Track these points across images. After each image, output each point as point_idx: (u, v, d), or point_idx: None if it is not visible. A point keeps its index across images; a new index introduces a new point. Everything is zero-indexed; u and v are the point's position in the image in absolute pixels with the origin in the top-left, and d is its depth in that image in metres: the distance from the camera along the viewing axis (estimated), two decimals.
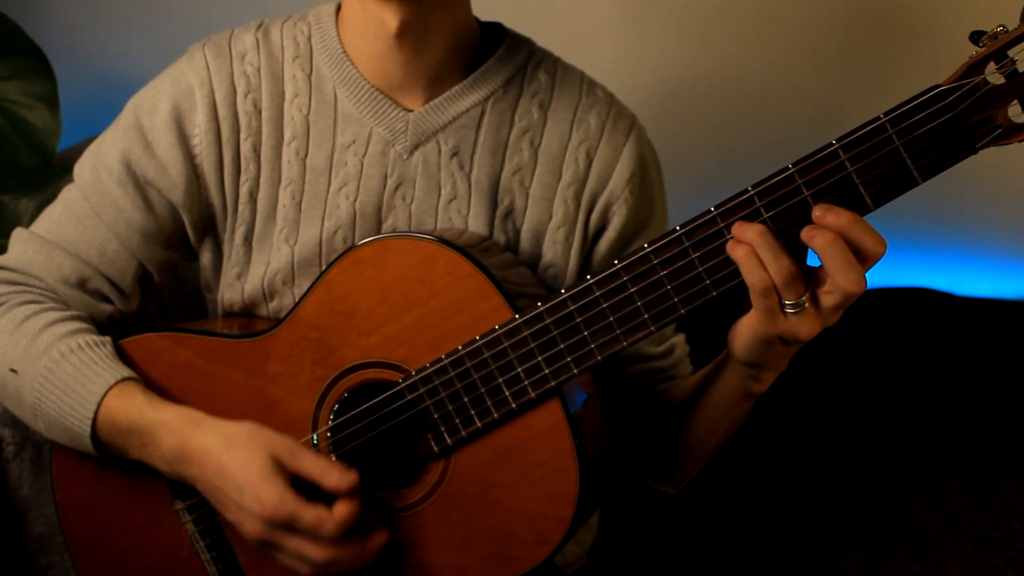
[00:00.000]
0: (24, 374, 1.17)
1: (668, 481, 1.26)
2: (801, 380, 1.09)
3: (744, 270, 0.97)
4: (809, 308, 0.98)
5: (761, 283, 0.97)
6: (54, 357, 1.15)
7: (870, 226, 0.95)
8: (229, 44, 1.21)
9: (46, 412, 1.16)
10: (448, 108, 1.19)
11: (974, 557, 1.63)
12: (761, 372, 1.07)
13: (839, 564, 1.64)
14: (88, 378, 1.14)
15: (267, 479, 1.06)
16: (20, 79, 1.83)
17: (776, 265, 0.96)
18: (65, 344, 1.16)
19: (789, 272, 0.96)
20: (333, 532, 1.06)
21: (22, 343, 1.17)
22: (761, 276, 0.97)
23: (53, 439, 1.19)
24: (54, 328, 1.17)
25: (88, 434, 1.14)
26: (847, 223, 0.95)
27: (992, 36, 0.91)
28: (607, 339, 1.03)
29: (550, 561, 1.09)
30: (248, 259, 1.23)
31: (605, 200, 1.22)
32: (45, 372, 1.15)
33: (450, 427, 1.09)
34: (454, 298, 1.08)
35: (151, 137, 1.20)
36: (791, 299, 0.97)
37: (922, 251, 1.99)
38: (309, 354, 1.14)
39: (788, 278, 0.96)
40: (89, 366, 1.15)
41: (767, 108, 1.99)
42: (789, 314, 0.98)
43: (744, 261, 0.97)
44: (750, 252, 0.97)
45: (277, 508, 1.05)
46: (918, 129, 0.92)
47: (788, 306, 0.97)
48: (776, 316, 0.98)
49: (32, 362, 1.16)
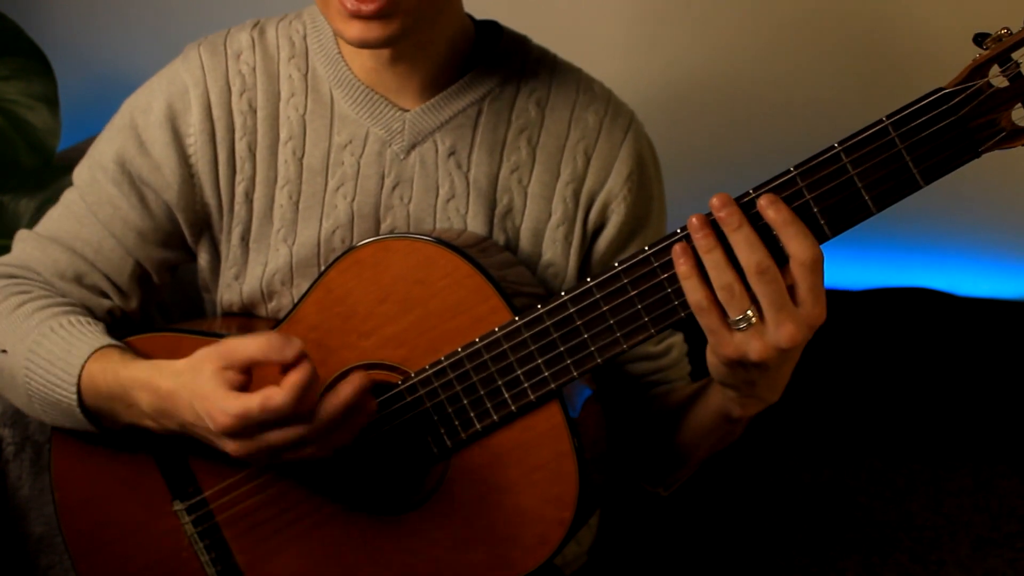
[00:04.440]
0: (15, 353, 1.16)
1: (660, 483, 1.26)
2: (801, 380, 1.09)
3: (685, 289, 0.97)
4: (756, 323, 0.96)
5: (699, 302, 0.96)
6: (43, 332, 1.15)
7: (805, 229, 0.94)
8: (225, 43, 1.21)
9: (36, 389, 1.15)
10: (445, 107, 1.19)
11: (974, 557, 1.64)
12: (738, 396, 1.06)
13: (839, 564, 1.65)
14: (72, 346, 1.13)
15: (210, 394, 1.01)
16: (20, 79, 1.83)
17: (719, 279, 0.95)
18: (56, 320, 1.15)
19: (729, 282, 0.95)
20: (286, 398, 0.98)
21: (13, 324, 1.17)
22: (701, 295, 0.96)
23: (51, 423, 1.19)
24: (47, 311, 1.17)
25: (75, 403, 1.12)
26: (783, 220, 0.94)
27: (996, 39, 0.91)
28: (607, 341, 1.03)
29: (550, 562, 1.09)
30: (245, 260, 1.23)
31: (604, 198, 1.22)
32: (32, 346, 1.15)
33: (449, 429, 1.09)
34: (453, 300, 1.08)
35: (145, 136, 1.20)
36: (734, 314, 0.96)
37: (922, 251, 1.99)
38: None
39: (728, 290, 0.95)
40: (75, 336, 1.14)
41: (770, 111, 1.99)
42: (735, 331, 0.96)
43: (685, 281, 0.97)
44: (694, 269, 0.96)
45: (226, 414, 0.99)
46: (921, 132, 0.92)
47: (732, 322, 0.96)
48: (722, 335, 0.97)
49: (21, 338, 1.16)
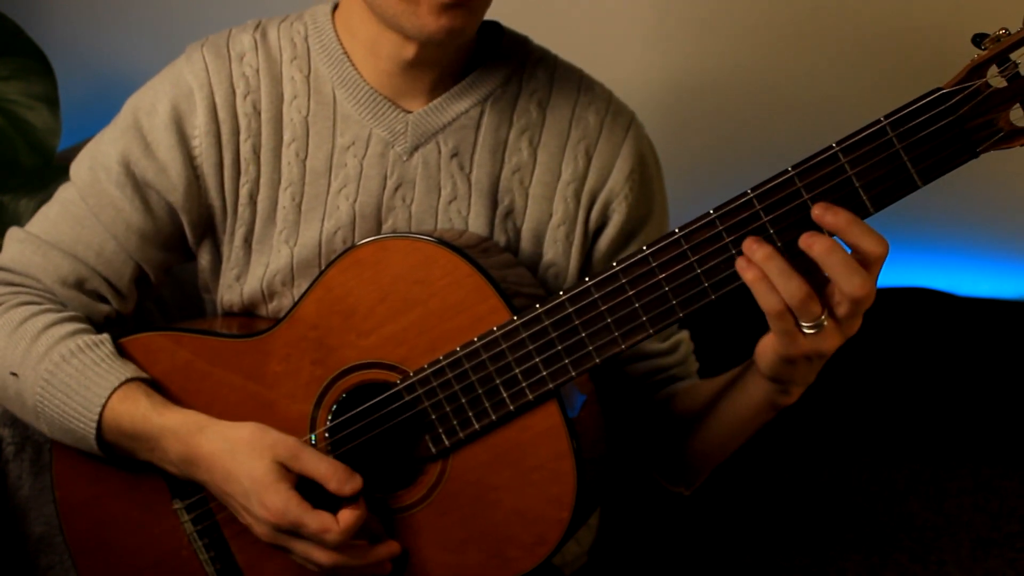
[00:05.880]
0: (25, 378, 1.17)
1: (683, 483, 1.26)
2: None
3: (756, 294, 0.96)
4: (829, 324, 0.96)
5: (774, 307, 0.96)
6: (55, 360, 1.15)
7: (868, 227, 0.94)
8: (227, 45, 1.21)
9: (49, 415, 1.16)
10: (447, 109, 1.19)
11: (974, 557, 1.63)
12: (789, 387, 1.06)
13: (839, 564, 1.64)
14: (91, 380, 1.14)
15: (271, 485, 1.07)
16: (20, 79, 1.83)
17: (787, 288, 0.94)
18: (65, 346, 1.16)
19: (802, 294, 0.94)
20: (337, 539, 1.06)
21: (21, 345, 1.17)
22: (774, 300, 0.95)
23: (57, 440, 1.20)
24: (53, 330, 1.17)
25: (93, 437, 1.14)
26: (845, 223, 0.94)
27: (994, 39, 0.91)
28: (605, 341, 1.03)
29: (548, 562, 1.09)
30: (247, 260, 1.23)
31: (605, 197, 1.22)
32: (47, 375, 1.15)
33: (448, 429, 1.09)
34: (453, 299, 1.08)
35: (151, 138, 1.20)
36: (808, 320, 0.96)
37: (922, 251, 1.99)
38: (308, 354, 1.14)
39: (801, 300, 0.95)
40: (91, 368, 1.15)
41: (768, 111, 1.99)
42: (808, 334, 0.97)
43: (755, 286, 0.96)
44: (761, 276, 0.95)
45: (282, 514, 1.06)
46: (919, 132, 0.92)
47: (806, 327, 0.96)
48: (795, 337, 0.97)
49: (33, 365, 1.16)
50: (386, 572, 1.12)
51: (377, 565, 1.11)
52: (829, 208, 0.94)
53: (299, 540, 1.08)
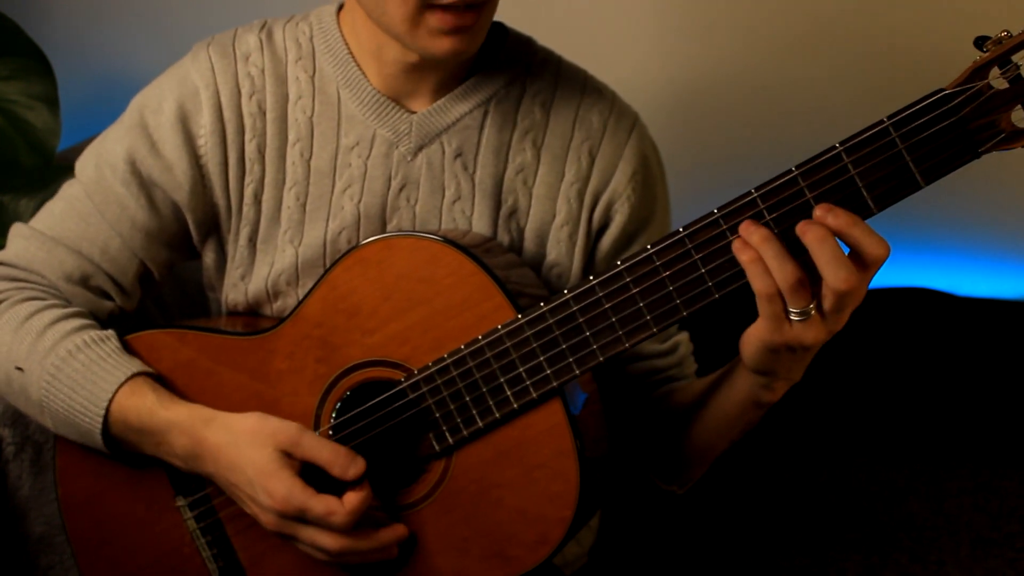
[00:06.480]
0: (30, 372, 1.17)
1: (675, 481, 1.26)
2: (801, 380, 1.09)
3: (750, 275, 0.97)
4: (815, 316, 0.97)
5: (766, 289, 0.96)
6: (61, 355, 1.16)
7: (870, 228, 0.95)
8: (233, 45, 1.21)
9: (54, 410, 1.16)
10: (451, 110, 1.20)
11: (974, 557, 1.63)
12: (772, 381, 1.06)
13: (839, 564, 1.65)
14: (98, 375, 1.15)
15: (274, 473, 1.07)
16: (20, 79, 1.83)
17: (781, 271, 0.95)
18: (71, 341, 1.16)
19: (795, 278, 0.95)
20: (343, 522, 1.07)
21: (27, 340, 1.17)
22: (767, 282, 0.96)
23: (61, 435, 1.20)
24: (59, 325, 1.17)
25: (99, 431, 1.15)
26: (847, 224, 0.94)
27: (996, 41, 0.91)
28: (609, 340, 1.03)
29: (550, 561, 1.10)
30: (252, 260, 1.23)
31: (608, 198, 1.22)
32: (52, 370, 1.16)
33: (451, 426, 1.10)
34: (457, 298, 1.08)
35: (156, 136, 1.20)
36: (796, 307, 0.96)
37: (922, 251, 1.99)
38: (312, 352, 1.14)
39: (792, 285, 0.95)
40: (97, 363, 1.15)
41: (771, 112, 1.99)
42: (795, 322, 0.97)
43: (749, 266, 0.97)
44: (756, 258, 0.96)
45: (286, 501, 1.07)
46: (921, 133, 0.93)
47: (794, 313, 0.97)
48: (782, 323, 0.98)
49: (39, 360, 1.17)
50: (392, 556, 1.12)
51: (384, 549, 1.11)
52: (831, 209, 0.95)
53: (305, 526, 1.09)
